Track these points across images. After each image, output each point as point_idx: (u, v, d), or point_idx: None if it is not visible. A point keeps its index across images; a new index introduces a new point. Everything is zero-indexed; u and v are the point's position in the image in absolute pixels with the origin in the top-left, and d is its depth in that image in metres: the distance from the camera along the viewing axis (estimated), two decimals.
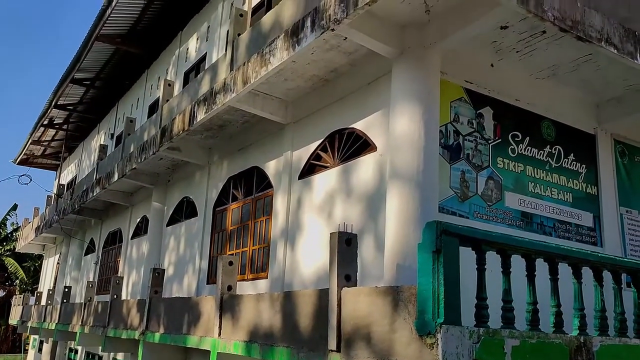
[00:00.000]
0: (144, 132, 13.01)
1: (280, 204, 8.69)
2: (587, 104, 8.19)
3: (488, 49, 6.98)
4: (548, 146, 7.70)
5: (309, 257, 7.81)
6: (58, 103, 20.61)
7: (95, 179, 16.04)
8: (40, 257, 34.27)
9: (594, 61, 7.05)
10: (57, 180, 26.35)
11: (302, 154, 8.50)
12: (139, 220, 15.34)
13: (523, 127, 7.50)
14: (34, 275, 36.18)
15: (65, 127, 24.01)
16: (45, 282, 28.24)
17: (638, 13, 7.00)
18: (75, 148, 26.81)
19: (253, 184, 9.86)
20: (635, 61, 6.47)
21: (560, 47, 6.77)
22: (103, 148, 17.94)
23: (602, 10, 6.30)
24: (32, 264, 36.97)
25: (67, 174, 27.68)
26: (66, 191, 22.01)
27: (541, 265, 4.28)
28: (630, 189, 8.42)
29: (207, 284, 10.64)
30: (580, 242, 7.61)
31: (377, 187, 6.81)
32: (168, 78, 14.99)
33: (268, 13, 8.24)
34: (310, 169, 8.33)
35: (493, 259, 4.08)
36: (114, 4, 14.07)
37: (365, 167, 7.14)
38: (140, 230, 15.08)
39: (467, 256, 3.87)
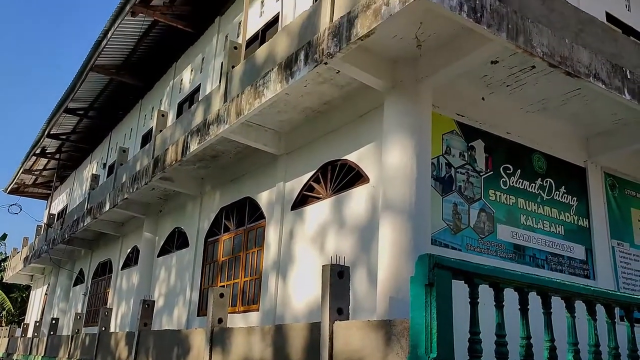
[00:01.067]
0: (137, 162, 13.00)
1: (272, 235, 8.65)
2: (577, 137, 8.29)
3: (479, 83, 7.08)
4: (539, 179, 7.76)
5: (301, 290, 7.74)
6: (51, 132, 20.61)
7: (87, 208, 15.93)
8: (28, 288, 33.73)
9: (582, 95, 7.16)
10: (47, 209, 26.16)
11: (295, 185, 8.51)
12: (129, 250, 15.20)
13: (514, 160, 7.56)
14: (21, 306, 35.55)
15: (57, 156, 23.95)
16: (33, 314, 27.73)
17: (624, 49, 7.16)
18: (67, 177, 26.70)
19: (245, 215, 9.82)
20: (623, 96, 6.59)
21: (550, 81, 6.88)
22: (95, 178, 17.88)
23: (589, 47, 6.44)
24: (19, 294, 36.36)
25: (58, 204, 27.48)
26: (56, 221, 21.83)
27: (535, 299, 4.25)
28: (621, 221, 8.46)
29: (198, 316, 10.48)
30: (573, 275, 7.60)
31: (370, 218, 6.81)
32: (162, 109, 15.07)
33: (262, 46, 8.36)
34: (302, 200, 8.32)
35: (486, 292, 4.06)
36: (109, 35, 14.21)
37: (357, 198, 7.15)
38: (131, 260, 14.91)
39: (460, 289, 3.85)
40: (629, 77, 6.63)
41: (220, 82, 9.74)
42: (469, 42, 5.91)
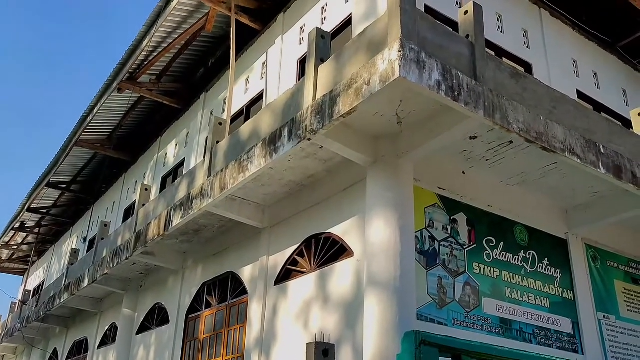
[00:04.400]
0: (118, 236, 12.84)
1: (255, 311, 8.46)
2: (557, 209, 8.42)
3: (459, 157, 7.24)
4: (522, 251, 7.79)
5: None
6: (31, 206, 20.39)
7: (64, 284, 15.51)
8: None
9: (560, 169, 7.34)
10: (23, 285, 25.40)
11: (278, 259, 8.43)
12: (107, 328, 14.68)
13: (497, 232, 7.61)
14: None
15: (36, 230, 23.56)
16: None
17: (596, 125, 7.45)
18: (45, 252, 26.15)
19: (228, 290, 9.64)
20: (598, 170, 6.78)
21: (528, 156, 7.07)
22: (74, 252, 17.54)
23: (563, 123, 6.69)
24: None
25: (34, 279, 26.73)
26: (32, 297, 21.16)
27: None
28: (605, 293, 8.45)
29: None
30: (561, 350, 7.48)
31: (355, 293, 6.72)
32: (145, 182, 15.08)
33: (247, 122, 8.53)
34: (286, 274, 8.22)
35: None
36: (95, 111, 14.43)
37: (342, 272, 7.08)
38: (108, 338, 14.38)
39: None
40: (602, 152, 6.85)
41: (204, 156, 9.83)
42: (448, 119, 6.10)
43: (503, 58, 9.12)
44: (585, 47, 11.20)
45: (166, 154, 14.96)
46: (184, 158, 13.63)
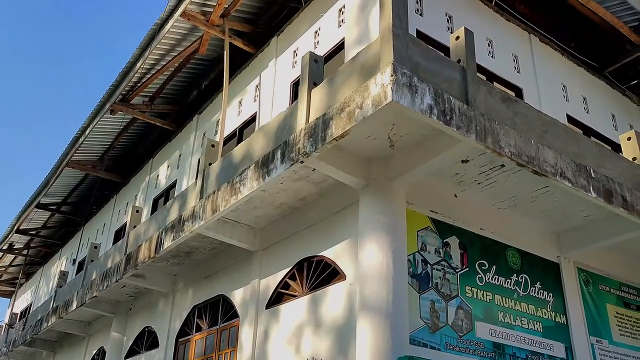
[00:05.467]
0: (108, 258, 12.71)
1: (246, 335, 8.36)
2: (548, 232, 8.44)
3: (451, 181, 7.26)
4: (514, 274, 7.78)
5: None
6: (20, 228, 20.18)
7: (52, 307, 15.28)
8: None
9: (551, 193, 7.38)
10: (10, 308, 25.01)
11: (270, 282, 8.36)
12: (95, 352, 14.43)
13: (489, 256, 7.60)
14: None
15: (25, 252, 23.28)
16: None
17: (586, 150, 7.51)
18: (34, 274, 25.80)
19: (219, 314, 9.53)
20: (589, 194, 6.82)
21: (519, 179, 7.10)
22: (63, 275, 17.33)
23: (554, 147, 6.74)
24: None
25: (22, 302, 26.32)
26: (19, 320, 20.81)
27: None
28: (598, 318, 8.43)
29: None
30: None
31: (347, 317, 6.66)
32: (137, 204, 14.98)
33: (239, 145, 8.54)
34: (278, 297, 8.15)
35: None
36: (87, 132, 14.39)
37: (334, 296, 7.03)
38: None
39: None
40: (593, 176, 6.90)
41: (196, 178, 9.81)
42: (440, 143, 6.14)
43: (494, 82, 9.22)
44: (574, 72, 11.35)
45: (158, 176, 14.91)
46: (176, 180, 13.59)
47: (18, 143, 69.84)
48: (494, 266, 7.57)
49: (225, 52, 11.22)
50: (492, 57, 9.61)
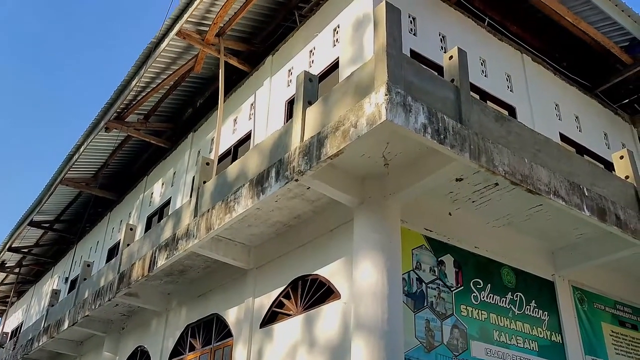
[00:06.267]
0: (101, 277, 12.60)
1: (240, 354, 8.27)
2: (543, 250, 8.44)
3: (445, 199, 7.28)
4: (509, 293, 7.76)
5: None
6: (12, 246, 20.02)
7: (44, 326, 15.10)
8: None
9: (545, 211, 7.40)
10: (1, 327, 24.68)
11: (264, 301, 8.30)
12: None
13: (484, 274, 7.59)
14: None
15: (17, 270, 23.07)
16: None
17: (579, 168, 7.56)
18: (25, 292, 25.54)
19: (212, 333, 9.44)
20: (583, 212, 6.85)
21: (513, 198, 7.13)
22: (55, 293, 17.15)
23: (547, 166, 6.78)
24: None
25: (12, 321, 26.00)
26: (9, 340, 20.54)
27: None
28: (593, 336, 8.41)
29: None
30: None
31: (342, 336, 6.62)
32: (130, 222, 14.92)
33: (234, 163, 8.54)
34: (272, 316, 8.09)
35: None
36: (81, 150, 14.37)
37: (329, 315, 6.99)
38: None
39: None
40: (586, 194, 6.94)
41: (191, 196, 9.79)
42: (434, 161, 6.16)
43: (487, 101, 9.31)
44: (566, 91, 11.47)
45: (152, 193, 14.87)
46: (170, 197, 13.55)
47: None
48: (489, 284, 7.56)
49: (220, 70, 11.28)
50: (485, 76, 9.71)
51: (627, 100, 12.64)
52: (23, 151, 69.91)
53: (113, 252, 15.80)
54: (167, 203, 13.66)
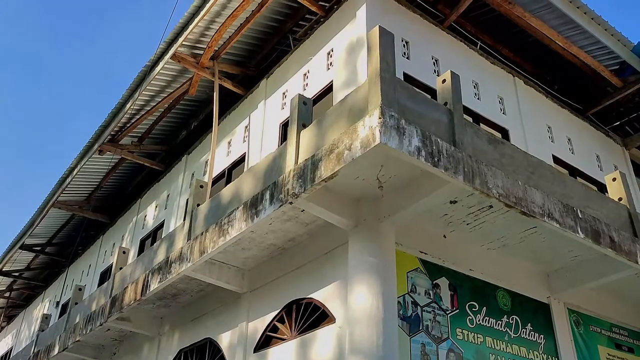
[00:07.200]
0: (93, 301, 12.44)
1: None
2: (538, 273, 8.42)
3: (440, 221, 7.27)
4: (505, 316, 7.71)
5: None
6: (3, 270, 19.80)
7: (34, 352, 14.84)
8: None
9: (539, 233, 7.40)
10: None
11: (258, 325, 8.21)
12: None
13: (479, 297, 7.55)
14: None
15: (7, 294, 22.77)
16: None
17: (573, 190, 7.58)
18: (15, 317, 25.18)
19: (206, 358, 9.30)
20: (577, 234, 6.85)
21: (507, 220, 7.12)
22: (46, 318, 16.90)
23: (541, 188, 6.80)
24: None
25: (2, 346, 25.58)
26: None
27: None
28: (590, 359, 8.34)
29: None
30: None
31: None
32: (123, 245, 14.81)
33: (228, 186, 8.51)
34: (266, 341, 7.99)
35: None
36: (75, 172, 14.32)
37: (324, 340, 6.90)
38: None
39: None
40: (580, 216, 6.95)
41: (184, 219, 9.73)
42: (429, 184, 6.17)
43: (480, 123, 9.37)
44: (558, 114, 11.58)
45: (145, 216, 14.78)
46: (164, 220, 13.48)
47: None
48: (485, 307, 7.51)
49: (215, 93, 11.34)
50: (478, 99, 9.79)
51: (618, 123, 12.78)
52: (15, 172, 69.67)
53: (105, 275, 15.65)
54: (161, 226, 13.58)
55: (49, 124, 73.45)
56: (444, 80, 6.95)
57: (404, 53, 9.10)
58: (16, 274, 21.19)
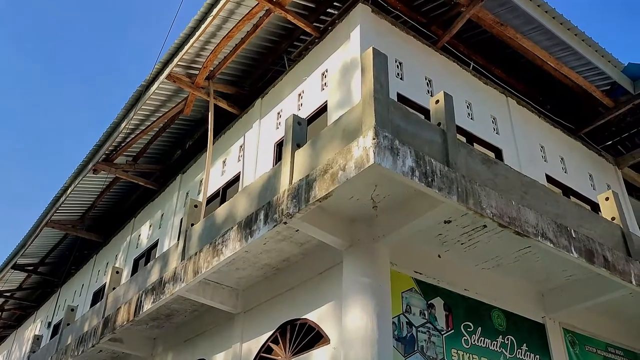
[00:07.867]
0: (85, 321, 12.31)
1: None
2: (533, 293, 8.41)
3: (434, 241, 7.27)
4: (500, 336, 7.68)
5: None
6: None
7: None
8: None
9: (533, 253, 7.40)
10: None
11: (252, 346, 8.13)
12: None
13: (474, 317, 7.52)
14: None
15: None
16: None
17: (566, 210, 7.62)
18: (6, 338, 24.85)
19: None
20: (571, 254, 6.86)
21: (502, 240, 7.13)
22: (37, 339, 16.69)
23: (534, 208, 6.83)
24: None
25: None
26: None
27: None
28: None
29: None
30: None
31: None
32: (117, 264, 14.71)
33: (222, 205, 8.51)
34: None
35: None
36: (68, 192, 14.27)
37: None
38: None
39: None
40: (574, 236, 6.97)
41: (178, 239, 9.69)
42: (423, 204, 6.18)
43: (474, 143, 9.43)
44: (551, 134, 11.68)
45: (139, 235, 14.72)
46: (158, 240, 13.42)
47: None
48: (480, 328, 7.48)
49: (209, 113, 11.38)
50: (471, 119, 9.87)
51: (610, 142, 12.89)
52: (6, 190, 69.26)
53: (98, 295, 15.51)
54: (155, 245, 13.51)
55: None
56: (437, 101, 7.01)
57: (398, 74, 9.18)
58: (8, 294, 20.97)
